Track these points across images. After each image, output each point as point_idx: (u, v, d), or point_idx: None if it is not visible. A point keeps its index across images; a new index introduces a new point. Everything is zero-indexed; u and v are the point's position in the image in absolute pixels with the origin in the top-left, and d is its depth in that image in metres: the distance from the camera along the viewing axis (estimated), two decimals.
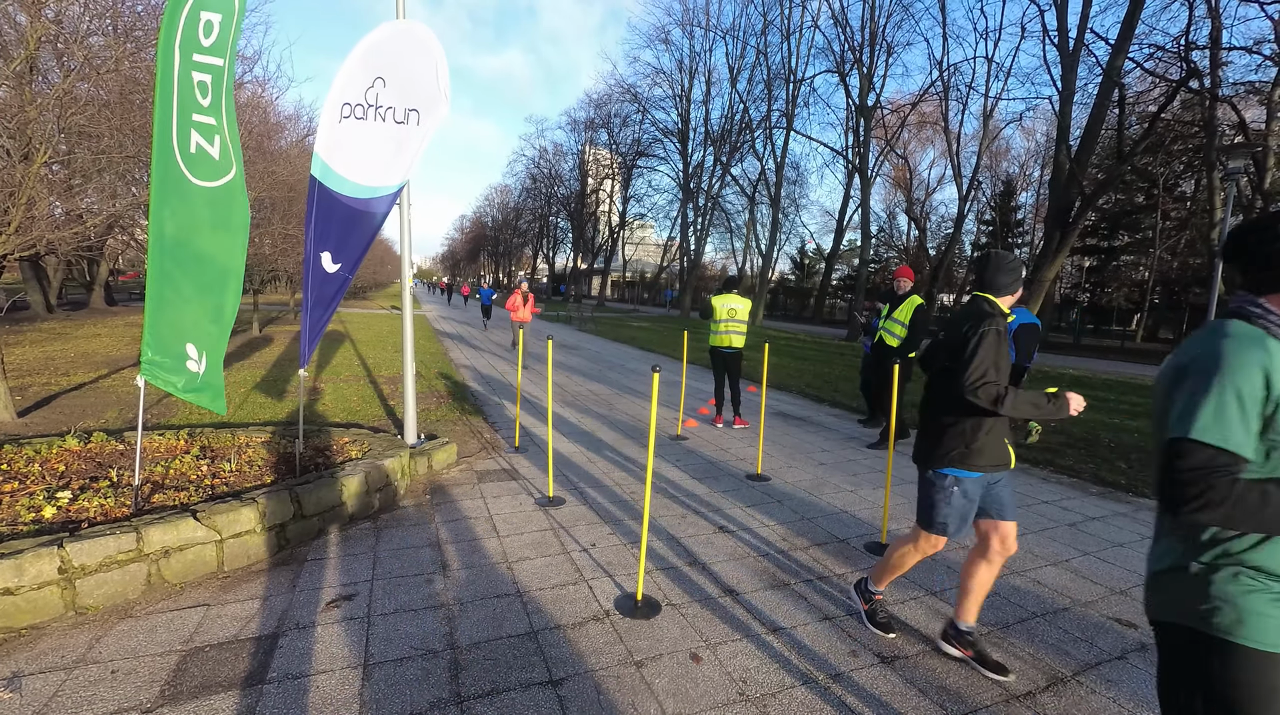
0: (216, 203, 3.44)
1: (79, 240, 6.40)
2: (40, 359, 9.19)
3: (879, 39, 24.80)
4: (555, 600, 2.90)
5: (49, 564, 2.55)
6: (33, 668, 2.27)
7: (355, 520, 3.76)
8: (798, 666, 2.46)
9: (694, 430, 6.66)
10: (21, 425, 5.35)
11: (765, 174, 33.84)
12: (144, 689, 2.17)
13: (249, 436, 4.64)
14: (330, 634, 2.55)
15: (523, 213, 59.79)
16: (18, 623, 2.49)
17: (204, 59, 3.29)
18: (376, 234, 4.34)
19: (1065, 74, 14.86)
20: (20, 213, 5.10)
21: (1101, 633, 2.81)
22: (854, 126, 27.70)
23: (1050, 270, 14.94)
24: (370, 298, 43.04)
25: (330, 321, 5.46)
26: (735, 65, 33.71)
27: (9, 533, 2.85)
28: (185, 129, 3.28)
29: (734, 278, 7.46)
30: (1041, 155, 33.32)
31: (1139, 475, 5.43)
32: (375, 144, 4.16)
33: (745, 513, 4.19)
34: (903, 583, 3.22)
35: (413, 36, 4.17)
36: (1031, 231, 35.32)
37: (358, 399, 7.23)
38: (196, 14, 3.23)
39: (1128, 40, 13.23)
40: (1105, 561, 3.62)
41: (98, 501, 3.23)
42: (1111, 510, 4.57)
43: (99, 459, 4.01)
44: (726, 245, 46.38)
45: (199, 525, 2.96)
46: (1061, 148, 14.78)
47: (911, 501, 4.53)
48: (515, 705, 2.16)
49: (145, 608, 2.71)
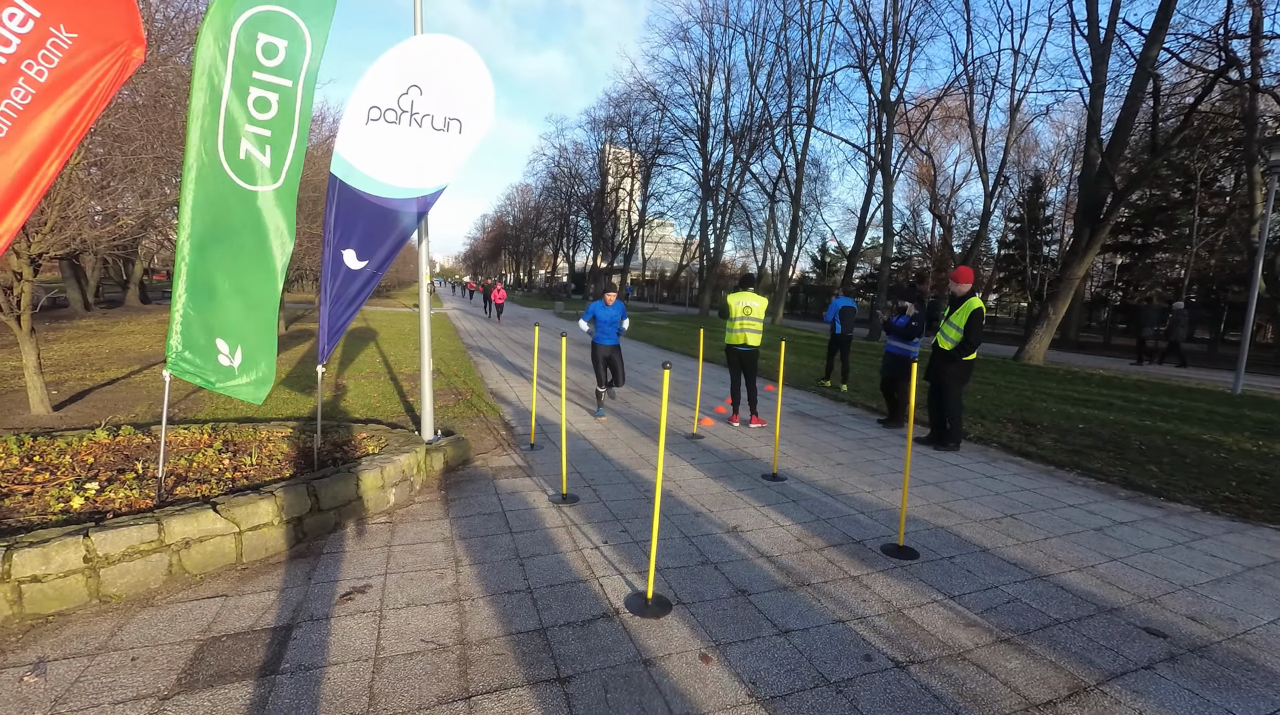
0: (261, 206, 3.61)
1: (113, 239, 6.60)
2: (76, 355, 9.50)
3: (901, 33, 24.38)
4: (565, 597, 2.90)
5: (75, 553, 2.62)
6: (58, 653, 2.34)
7: (371, 514, 3.81)
8: (809, 669, 2.41)
9: (710, 429, 6.62)
10: (56, 418, 5.53)
11: (785, 171, 33.52)
12: (162, 677, 2.21)
13: (270, 431, 4.73)
14: (343, 626, 2.58)
15: (543, 212, 60.12)
16: (45, 609, 2.57)
17: (266, 77, 3.50)
18: (410, 234, 4.42)
19: (1096, 66, 14.44)
20: (55, 212, 5.27)
21: (1128, 641, 2.72)
22: (876, 122, 27.28)
23: (1080, 268, 14.56)
24: (393, 296, 43.66)
25: (354, 319, 5.47)
26: (755, 62, 33.40)
27: (39, 522, 2.95)
28: (234, 136, 3.45)
29: (750, 276, 7.41)
30: (1071, 150, 32.46)
31: (1171, 479, 5.25)
32: (408, 147, 4.24)
33: (760, 512, 4.14)
34: (920, 587, 3.16)
35: (456, 51, 4.29)
36: (1061, 228, 34.42)
37: (378, 395, 7.33)
38: (254, 34, 3.42)
39: (1162, 30, 12.81)
40: (1133, 568, 3.50)
41: (123, 493, 3.32)
42: (1141, 515, 4.42)
43: (126, 452, 4.12)
44: (746, 243, 46.09)
45: (219, 517, 3.02)
46: (1092, 142, 14.38)
47: (929, 502, 4.46)
48: (523, 702, 2.16)
49: (166, 597, 2.77)
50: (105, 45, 2.79)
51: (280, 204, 3.68)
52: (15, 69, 2.58)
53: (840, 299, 9.76)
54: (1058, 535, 3.95)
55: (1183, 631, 2.82)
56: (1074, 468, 5.58)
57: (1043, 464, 5.73)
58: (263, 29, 3.45)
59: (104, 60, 2.79)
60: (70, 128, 2.75)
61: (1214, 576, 3.43)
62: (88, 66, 2.75)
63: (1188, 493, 4.92)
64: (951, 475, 5.22)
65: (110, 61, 2.81)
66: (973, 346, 5.74)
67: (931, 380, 6.16)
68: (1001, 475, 5.29)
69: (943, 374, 5.94)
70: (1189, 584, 3.32)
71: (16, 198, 2.66)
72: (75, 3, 2.70)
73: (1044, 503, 4.60)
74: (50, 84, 2.67)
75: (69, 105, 2.73)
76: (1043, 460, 5.83)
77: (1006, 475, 5.30)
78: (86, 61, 2.75)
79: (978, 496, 4.68)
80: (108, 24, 2.79)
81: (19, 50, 2.57)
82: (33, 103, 2.64)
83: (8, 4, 2.54)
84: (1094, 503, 4.65)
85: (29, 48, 2.60)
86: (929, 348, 6.41)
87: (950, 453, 5.95)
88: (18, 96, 2.59)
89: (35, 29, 2.60)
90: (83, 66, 2.74)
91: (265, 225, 3.65)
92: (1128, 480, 5.21)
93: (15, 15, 2.56)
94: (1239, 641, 2.76)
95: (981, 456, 5.91)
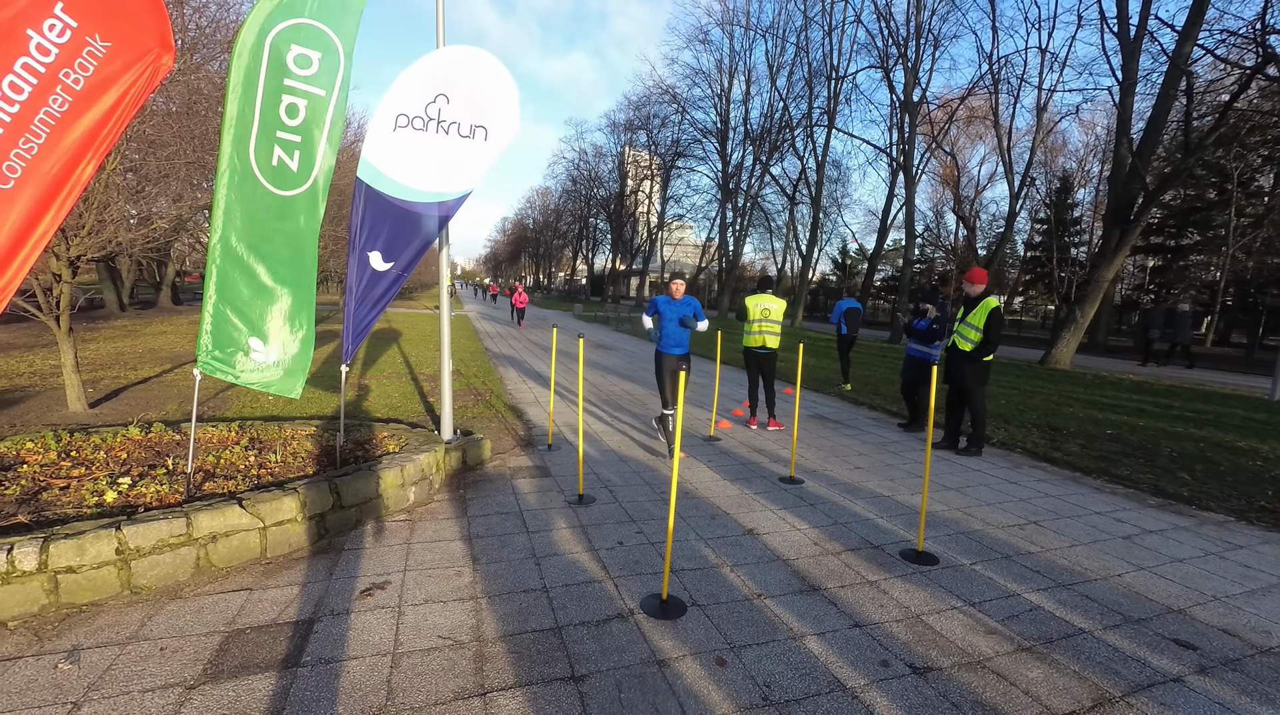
0: (290, 209, 3.73)
1: (147, 242, 6.81)
2: (112, 354, 9.82)
3: (924, 32, 24.09)
4: (581, 597, 2.91)
5: (108, 545, 2.71)
6: (90, 642, 2.42)
7: (391, 512, 3.87)
8: (825, 674, 2.40)
9: (727, 431, 6.60)
10: (92, 415, 5.72)
11: (806, 173, 33.33)
12: (188, 666, 2.28)
13: (295, 429, 4.83)
14: (363, 621, 2.63)
15: (563, 214, 60.52)
16: (79, 599, 2.66)
17: (299, 85, 3.62)
18: (434, 237, 4.52)
19: (1126, 63, 14.11)
20: (93, 216, 5.45)
21: (1156, 652, 2.65)
22: (898, 123, 26.98)
23: (1109, 271, 14.22)
24: (416, 298, 44.28)
25: (378, 320, 5.57)
26: (775, 63, 33.30)
27: (74, 515, 3.05)
28: (267, 142, 3.57)
29: (768, 278, 7.38)
30: (1101, 150, 31.68)
31: (1204, 487, 5.09)
32: (434, 154, 4.34)
33: (777, 515, 4.12)
34: (939, 593, 3.11)
35: (482, 62, 4.40)
36: (1090, 230, 33.62)
37: (399, 395, 7.44)
38: (285, 45, 3.53)
39: (1196, 26, 12.47)
40: (1162, 577, 3.40)
41: (154, 488, 3.42)
42: (1171, 523, 4.30)
43: (158, 448, 4.24)
44: (766, 246, 45.85)
45: (244, 513, 3.09)
46: (1122, 141, 14.05)
47: (950, 507, 4.39)
48: (537, 699, 2.17)
49: (193, 589, 2.85)
50: (137, 53, 2.88)
51: (308, 208, 3.79)
52: (54, 77, 2.68)
53: (845, 301, 10.02)
54: (1083, 543, 3.86)
55: (1214, 644, 2.74)
56: (1101, 474, 5.44)
57: (1068, 470, 5.61)
58: (296, 40, 3.56)
59: (136, 68, 2.88)
60: (102, 134, 2.84)
61: (1248, 588, 3.32)
62: (120, 74, 2.84)
63: (1221, 501, 4.77)
64: (973, 480, 5.13)
65: (141, 69, 2.90)
66: (994, 346, 5.68)
67: (951, 382, 6.08)
68: (1025, 481, 5.19)
69: (962, 375, 5.87)
70: (1221, 595, 3.22)
71: (51, 203, 2.75)
72: (110, 12, 2.79)
73: (1069, 510, 4.49)
74: (85, 91, 2.76)
75: (102, 111, 2.82)
76: (1068, 466, 5.70)
77: (1030, 481, 5.20)
78: (119, 69, 2.84)
79: (1000, 502, 4.59)
80: (140, 32, 2.88)
81: (57, 59, 2.67)
82: (69, 110, 2.73)
83: (47, 14, 2.63)
84: (1121, 510, 4.54)
85: (66, 57, 2.69)
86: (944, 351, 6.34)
87: (972, 458, 5.85)
88: (55, 104, 2.69)
89: (72, 38, 2.70)
90: (116, 74, 2.83)
91: (295, 228, 3.76)
92: (1158, 488, 5.07)
93: (55, 25, 2.65)
94: (1275, 655, 2.67)
95: (1005, 462, 5.80)
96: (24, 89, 2.61)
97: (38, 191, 2.71)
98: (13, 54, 2.57)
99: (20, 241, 2.71)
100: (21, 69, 2.59)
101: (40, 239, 2.76)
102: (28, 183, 2.68)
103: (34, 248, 2.75)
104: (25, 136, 2.64)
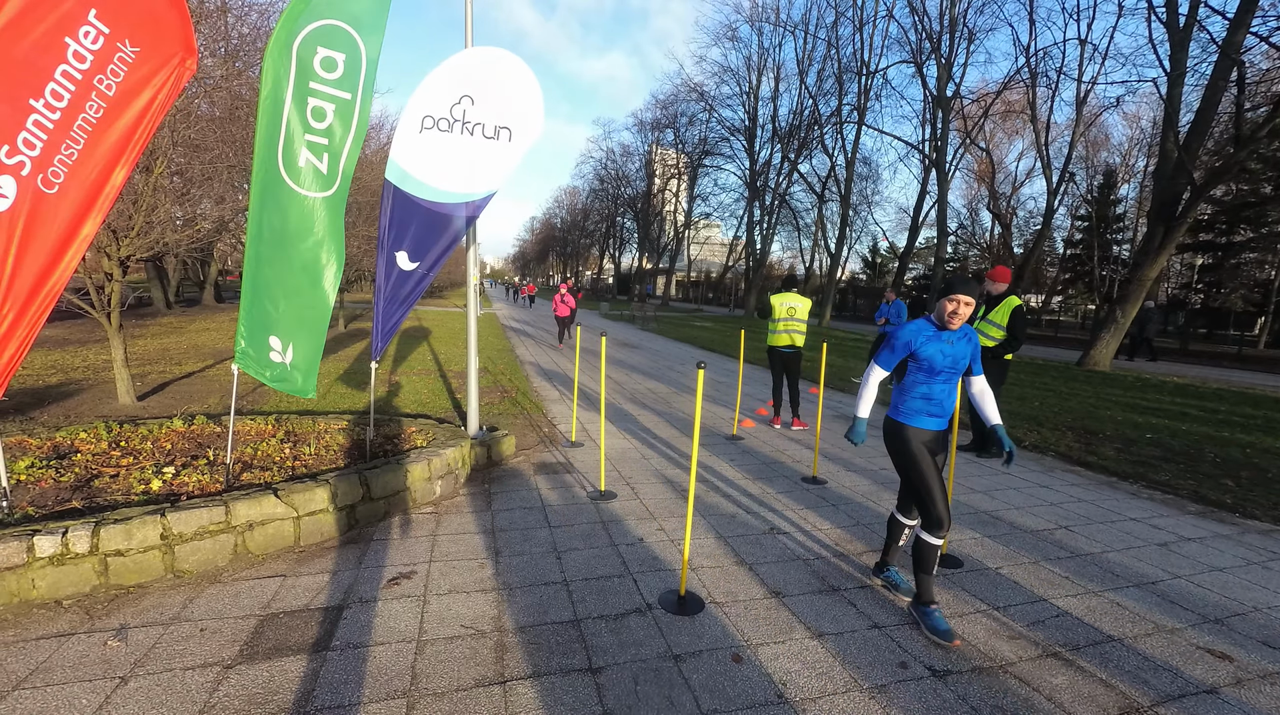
0: (315, 211, 3.82)
1: (192, 242, 7.10)
2: (158, 350, 10.26)
3: (959, 26, 23.52)
4: (600, 591, 2.96)
5: (153, 531, 2.86)
6: (137, 621, 2.56)
7: (418, 504, 3.98)
8: (841, 674, 2.39)
9: (751, 430, 6.58)
10: (140, 408, 6.00)
11: (835, 170, 32.84)
12: (226, 647, 2.39)
13: (328, 423, 5.00)
14: (389, 609, 2.72)
15: (590, 213, 60.84)
16: (126, 581, 2.81)
17: (324, 88, 3.71)
18: (461, 237, 4.59)
19: (1174, 53, 13.54)
20: (142, 218, 5.72)
21: (1189, 663, 2.57)
22: (931, 118, 26.42)
23: (1152, 269, 13.69)
24: (445, 296, 45.05)
25: (407, 318, 5.73)
26: (804, 60, 32.88)
27: (123, 501, 3.22)
28: (294, 145, 3.66)
29: (794, 276, 7.31)
30: (1146, 144, 30.46)
31: (1249, 495, 4.89)
32: (459, 155, 4.42)
33: (798, 515, 4.10)
34: (963, 596, 3.07)
35: (506, 63, 4.45)
36: (1134, 227, 32.36)
37: (427, 392, 7.61)
38: (312, 48, 3.62)
39: (1249, 13, 11.89)
40: (1199, 586, 3.29)
41: (196, 477, 3.59)
42: (1211, 531, 4.14)
43: (200, 439, 4.44)
44: (794, 244, 45.35)
45: (279, 502, 3.22)
46: (1169, 134, 13.49)
47: (975, 511, 4.31)
48: (555, 689, 2.22)
49: (231, 575, 2.98)
50: (163, 58, 2.99)
51: (332, 209, 3.88)
52: (89, 84, 2.81)
53: (898, 303, 9.78)
54: (1116, 549, 3.75)
55: (1252, 656, 2.64)
56: (1138, 480, 5.27)
57: (1104, 475, 5.44)
58: (322, 43, 3.66)
59: (162, 72, 3.00)
60: (134, 138, 2.97)
61: None
62: (149, 79, 2.96)
63: (1267, 510, 4.58)
64: (1001, 483, 5.03)
65: (168, 73, 3.02)
66: (1020, 343, 5.55)
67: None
68: (1057, 485, 5.06)
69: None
70: (1263, 605, 3.10)
71: (91, 206, 2.90)
72: (138, 18, 2.90)
73: (1102, 515, 4.37)
74: (118, 97, 2.89)
75: (133, 116, 2.94)
76: (1104, 471, 5.53)
77: (1062, 485, 5.06)
78: (148, 74, 2.96)
79: (1029, 506, 4.49)
80: (165, 37, 2.99)
81: (92, 66, 2.80)
82: (104, 116, 2.86)
83: (82, 21, 2.76)
84: (1159, 517, 4.39)
85: (100, 63, 2.82)
86: None
87: (998, 460, 5.72)
88: (92, 110, 2.82)
89: (105, 45, 2.82)
90: (145, 79, 2.95)
91: (319, 230, 3.85)
92: (1199, 494, 4.89)
93: (89, 33, 2.78)
94: None
95: (1036, 466, 5.66)
96: (64, 96, 2.74)
97: (80, 195, 2.86)
98: (54, 61, 2.71)
99: (66, 243, 2.87)
100: (61, 77, 2.73)
101: (84, 240, 2.92)
102: (70, 188, 2.82)
103: (78, 249, 2.90)
104: (66, 142, 2.78)
